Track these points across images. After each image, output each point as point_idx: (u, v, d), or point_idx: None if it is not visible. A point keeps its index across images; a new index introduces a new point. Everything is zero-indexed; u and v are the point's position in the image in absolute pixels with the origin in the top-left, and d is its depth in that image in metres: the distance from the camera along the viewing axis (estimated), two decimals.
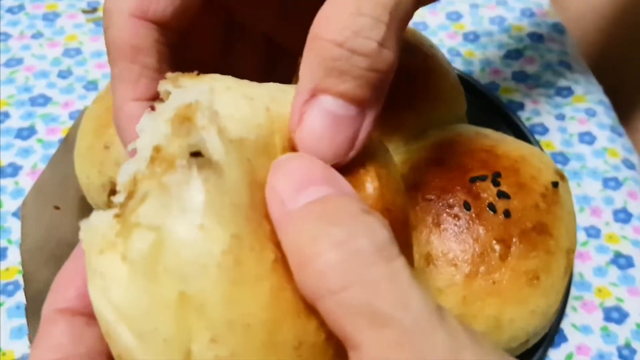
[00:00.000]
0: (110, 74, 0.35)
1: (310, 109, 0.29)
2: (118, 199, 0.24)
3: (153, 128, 0.26)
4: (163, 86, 0.30)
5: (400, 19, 0.30)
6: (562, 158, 0.67)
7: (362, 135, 0.31)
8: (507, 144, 0.53)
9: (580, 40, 0.81)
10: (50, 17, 0.80)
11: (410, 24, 0.85)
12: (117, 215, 0.24)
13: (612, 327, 0.55)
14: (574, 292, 0.57)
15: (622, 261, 0.59)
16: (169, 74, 0.30)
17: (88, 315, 0.27)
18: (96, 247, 0.24)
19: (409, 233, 0.37)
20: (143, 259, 0.23)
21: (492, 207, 0.46)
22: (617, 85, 0.77)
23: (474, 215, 0.46)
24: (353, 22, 0.28)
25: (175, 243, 0.23)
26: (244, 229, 0.24)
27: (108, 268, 0.24)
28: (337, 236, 0.25)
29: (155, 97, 0.33)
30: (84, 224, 0.25)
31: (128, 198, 0.24)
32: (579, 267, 0.59)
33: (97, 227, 0.24)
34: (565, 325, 0.55)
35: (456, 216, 0.46)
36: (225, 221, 0.24)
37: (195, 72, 0.30)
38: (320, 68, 0.29)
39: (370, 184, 0.31)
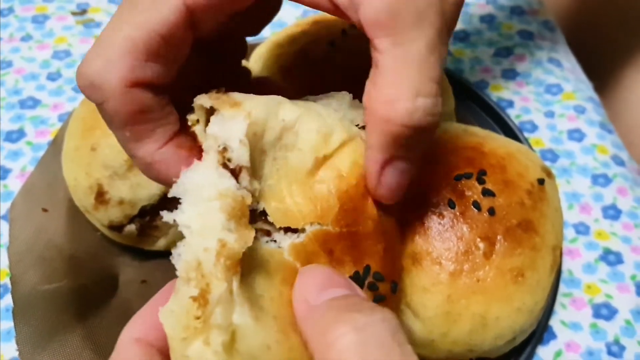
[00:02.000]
0: (114, 134, 0.36)
1: (386, 171, 0.36)
2: (192, 292, 0.30)
3: (213, 180, 0.33)
4: (199, 101, 0.35)
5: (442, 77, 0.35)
6: (551, 155, 0.67)
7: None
8: (494, 141, 0.52)
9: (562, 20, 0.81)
10: (39, 20, 0.80)
11: None
12: (197, 317, 0.30)
13: (602, 323, 0.55)
14: (563, 289, 0.57)
15: (611, 258, 0.59)
16: (204, 97, 0.35)
17: (158, 348, 0.33)
18: (179, 334, 0.30)
19: (400, 246, 0.41)
20: (223, 348, 0.30)
21: (476, 205, 0.46)
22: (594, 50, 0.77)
23: (458, 213, 0.46)
24: (419, 105, 0.33)
25: (243, 332, 0.30)
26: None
27: (195, 354, 0.30)
28: (357, 321, 0.28)
29: (173, 135, 0.36)
30: (163, 311, 0.31)
31: (202, 299, 0.30)
32: (568, 264, 0.59)
33: (177, 316, 0.30)
34: (554, 322, 0.55)
35: (440, 214, 0.46)
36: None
37: (223, 90, 0.36)
38: (394, 143, 0.35)
39: (370, 212, 0.37)
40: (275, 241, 0.35)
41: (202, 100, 0.35)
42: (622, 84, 0.82)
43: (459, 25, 0.80)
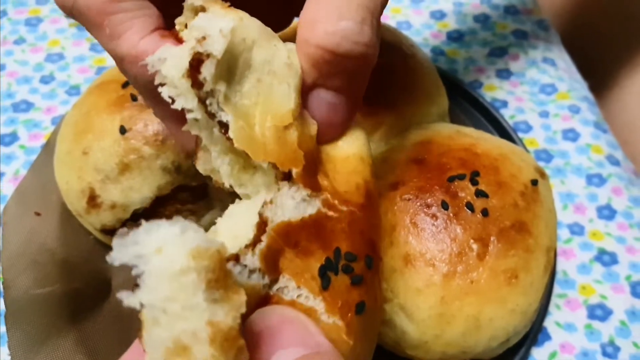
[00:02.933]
0: (99, 40, 0.35)
1: (310, 99, 0.33)
2: None
3: (176, 59, 0.31)
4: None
5: (379, 11, 0.33)
6: (545, 155, 0.67)
7: (352, 115, 0.35)
8: (488, 142, 0.52)
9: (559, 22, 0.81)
10: (32, 23, 0.79)
11: (394, 23, 0.85)
12: None
13: (596, 324, 0.55)
14: (557, 289, 0.57)
15: (606, 258, 0.59)
16: None
17: None
18: None
19: (375, 212, 0.37)
20: None
21: (470, 206, 0.46)
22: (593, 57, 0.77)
23: (451, 214, 0.45)
24: (339, 28, 0.31)
25: None
26: None
27: None
28: None
29: (155, 28, 0.35)
30: None
31: None
32: (562, 264, 0.59)
33: None
34: (548, 323, 0.55)
35: (434, 216, 0.46)
36: None
37: None
38: (314, 69, 0.32)
39: (321, 183, 0.34)
40: (245, 266, 0.31)
41: None
42: (617, 83, 0.82)
43: (453, 25, 0.80)
